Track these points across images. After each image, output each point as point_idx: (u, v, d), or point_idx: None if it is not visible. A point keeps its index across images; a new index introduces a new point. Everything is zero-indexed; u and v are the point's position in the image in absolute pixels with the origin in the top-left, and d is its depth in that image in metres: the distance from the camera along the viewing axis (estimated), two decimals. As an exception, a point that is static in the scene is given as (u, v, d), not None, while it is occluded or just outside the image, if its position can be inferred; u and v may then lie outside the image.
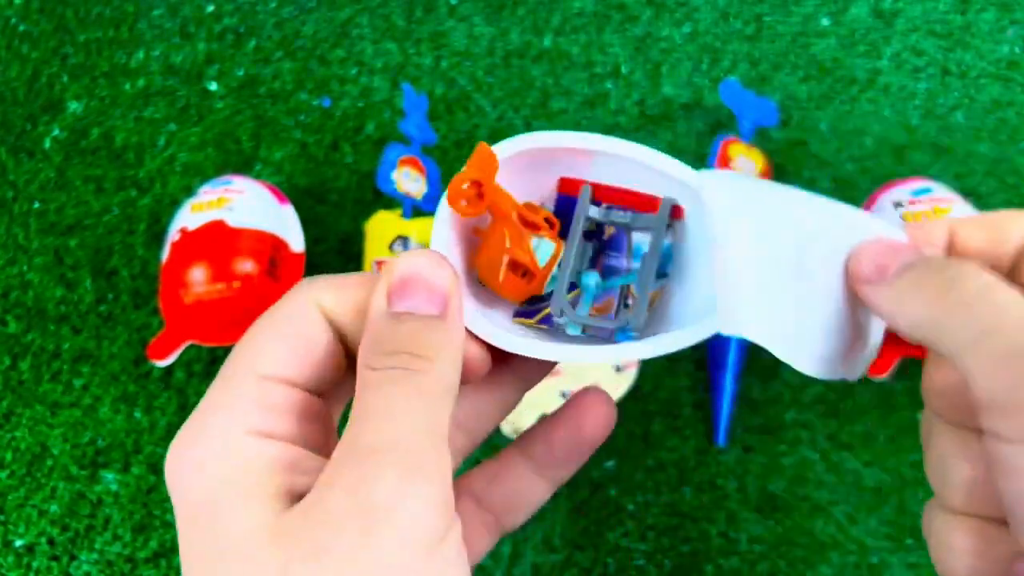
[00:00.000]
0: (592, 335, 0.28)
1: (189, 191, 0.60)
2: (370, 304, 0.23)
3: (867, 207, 0.51)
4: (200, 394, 0.53)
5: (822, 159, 0.58)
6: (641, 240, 0.29)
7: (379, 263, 0.53)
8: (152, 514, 0.50)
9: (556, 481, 0.28)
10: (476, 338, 0.25)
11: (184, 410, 0.53)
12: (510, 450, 0.28)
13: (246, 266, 0.50)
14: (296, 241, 0.53)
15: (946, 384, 0.23)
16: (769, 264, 0.25)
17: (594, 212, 0.28)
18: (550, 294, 0.28)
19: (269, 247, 0.51)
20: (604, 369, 0.45)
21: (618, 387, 0.49)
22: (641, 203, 0.28)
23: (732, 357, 0.49)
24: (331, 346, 0.23)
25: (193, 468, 0.21)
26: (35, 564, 0.50)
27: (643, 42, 0.64)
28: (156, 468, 0.52)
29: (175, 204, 0.59)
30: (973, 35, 0.62)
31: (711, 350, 0.51)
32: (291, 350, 0.22)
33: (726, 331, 0.25)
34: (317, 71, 0.64)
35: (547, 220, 0.29)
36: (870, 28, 0.63)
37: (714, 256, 0.25)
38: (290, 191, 0.59)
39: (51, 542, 0.50)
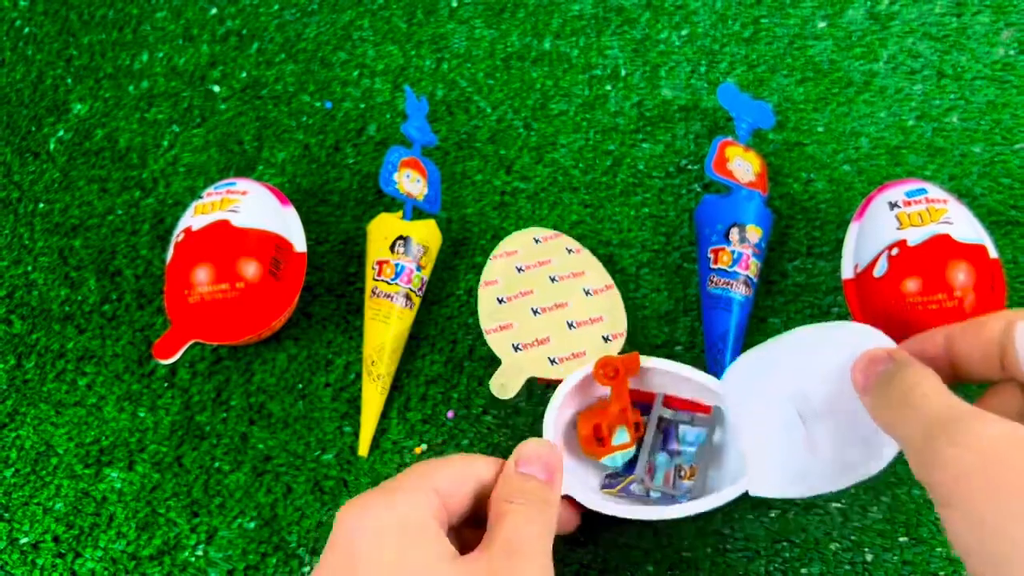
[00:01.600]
0: (661, 498, 0.45)
1: (192, 192, 0.60)
2: (506, 464, 0.39)
3: (863, 208, 0.52)
4: (203, 393, 0.54)
5: (818, 161, 0.59)
6: (686, 431, 0.46)
7: (380, 263, 0.53)
8: (156, 512, 0.51)
9: None
10: (570, 504, 0.43)
11: (188, 408, 0.54)
12: None
13: (249, 266, 0.51)
14: (299, 242, 0.54)
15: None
16: (776, 429, 0.39)
17: (666, 413, 0.46)
18: (625, 472, 0.46)
19: (272, 247, 0.52)
20: (592, 340, 0.49)
21: (609, 352, 0.50)
22: (694, 407, 0.47)
23: (727, 356, 0.50)
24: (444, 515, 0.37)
25: (376, 523, 0.33)
26: (40, 562, 0.50)
27: (641, 45, 0.64)
28: (160, 466, 0.52)
29: (178, 205, 0.60)
30: (968, 37, 0.62)
31: (708, 351, 0.51)
32: (453, 482, 0.37)
33: (755, 493, 0.40)
34: (319, 73, 0.65)
35: (636, 423, 0.45)
36: (866, 31, 0.63)
37: (738, 440, 0.42)
38: (292, 192, 0.60)
39: (56, 540, 0.51)
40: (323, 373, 0.54)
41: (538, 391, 0.52)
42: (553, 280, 0.51)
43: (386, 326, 0.52)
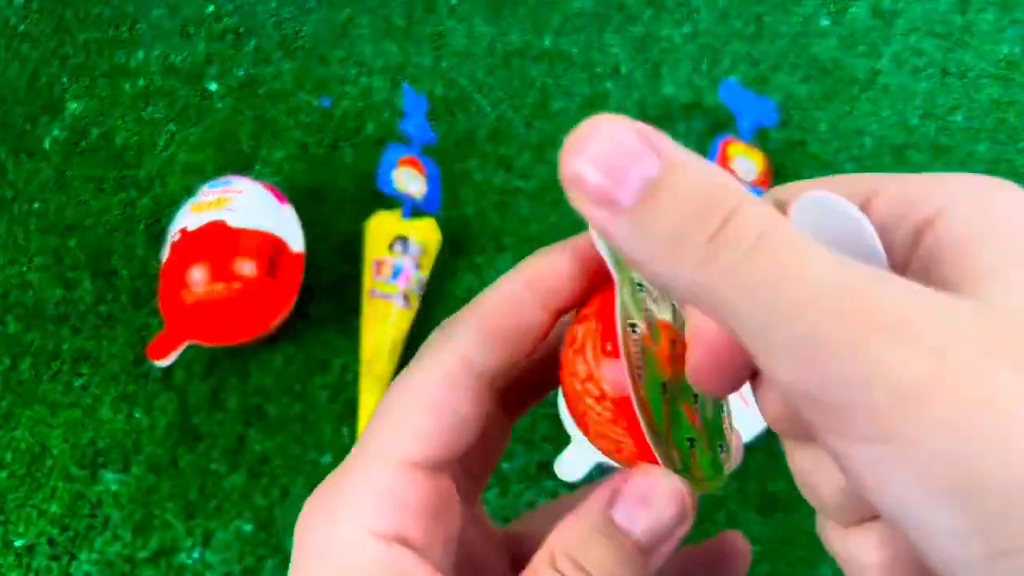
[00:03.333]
0: None
1: (189, 191, 0.60)
2: (594, 496, 0.19)
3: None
4: (200, 395, 0.53)
5: (821, 159, 0.58)
6: None
7: (379, 263, 0.53)
8: (152, 514, 0.50)
9: None
10: None
11: (184, 410, 0.53)
12: None
13: (246, 266, 0.50)
14: (296, 241, 0.53)
15: (775, 404, 0.18)
16: None
17: None
18: None
19: (269, 247, 0.51)
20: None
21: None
22: None
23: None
24: (481, 408, 0.20)
25: (317, 548, 0.19)
26: (35, 564, 0.50)
27: (643, 42, 0.64)
28: (156, 468, 0.52)
29: (175, 204, 0.59)
30: (973, 35, 0.62)
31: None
32: (438, 425, 0.19)
33: None
34: (317, 71, 0.64)
35: None
36: (870, 28, 0.63)
37: None
38: (290, 191, 0.59)
39: (51, 542, 0.50)
40: (321, 374, 0.54)
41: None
42: None
43: (384, 327, 0.52)
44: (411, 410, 0.19)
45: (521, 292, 0.20)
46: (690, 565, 0.23)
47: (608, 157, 0.15)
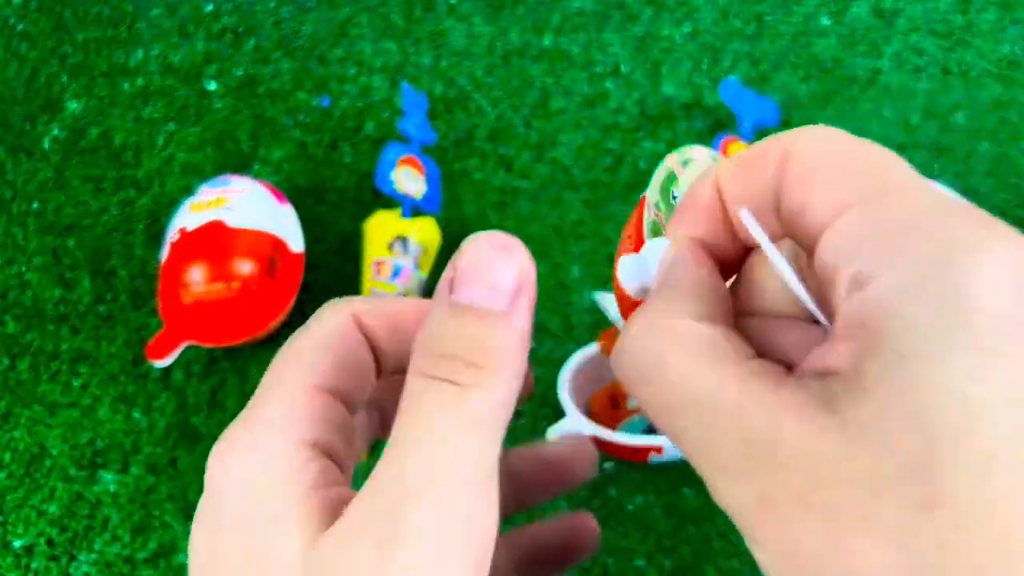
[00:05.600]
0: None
1: (188, 191, 0.60)
2: (436, 292, 0.20)
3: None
4: (199, 395, 0.53)
5: (822, 159, 0.58)
6: None
7: (378, 263, 0.53)
8: (151, 515, 0.50)
9: None
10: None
11: (183, 410, 0.53)
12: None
13: (245, 266, 0.50)
14: (295, 241, 0.53)
15: None
16: None
17: None
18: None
19: (268, 247, 0.51)
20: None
21: None
22: None
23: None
24: (366, 357, 0.22)
25: (240, 472, 0.20)
26: (34, 565, 0.50)
27: (643, 41, 0.63)
28: (155, 469, 0.52)
29: (174, 204, 0.59)
30: (974, 35, 0.62)
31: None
32: (334, 361, 0.21)
33: None
34: (316, 71, 0.64)
35: None
36: (871, 27, 0.63)
37: None
38: (289, 191, 0.59)
39: (50, 543, 0.50)
40: (320, 374, 0.54)
41: (538, 391, 0.51)
42: None
43: (384, 327, 0.52)
44: (306, 348, 0.21)
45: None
46: (544, 539, 0.25)
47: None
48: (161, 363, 0.50)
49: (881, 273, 0.15)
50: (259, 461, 0.19)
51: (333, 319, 0.22)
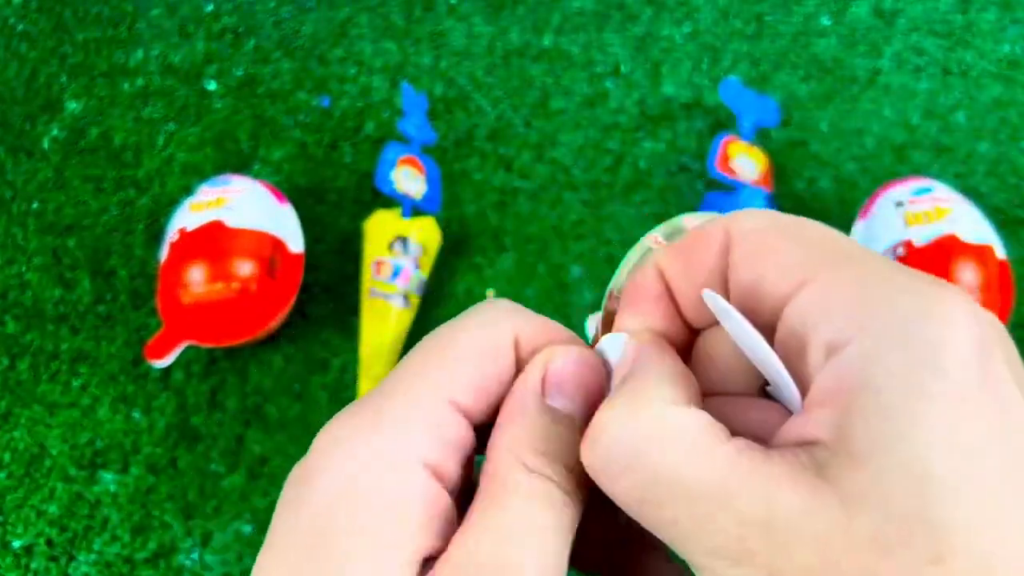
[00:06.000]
0: None
1: (188, 191, 0.59)
2: (521, 381, 0.19)
3: (867, 207, 0.51)
4: (199, 395, 0.53)
5: (823, 159, 0.58)
6: None
7: (378, 263, 0.53)
8: (151, 515, 0.50)
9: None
10: None
11: (183, 410, 0.53)
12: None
13: (245, 266, 0.50)
14: (295, 241, 0.53)
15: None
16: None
17: None
18: None
19: (268, 247, 0.51)
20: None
21: None
22: None
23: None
24: (508, 381, 0.20)
25: (345, 472, 0.17)
26: (34, 565, 0.50)
27: (643, 41, 0.63)
28: (155, 469, 0.51)
29: (174, 204, 0.59)
30: (974, 34, 0.62)
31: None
32: (481, 380, 0.19)
33: None
34: (316, 71, 0.64)
35: None
36: (871, 27, 0.62)
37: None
38: (289, 191, 0.59)
39: (49, 543, 0.50)
40: (320, 375, 0.53)
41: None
42: None
43: (384, 327, 0.52)
44: (465, 357, 0.19)
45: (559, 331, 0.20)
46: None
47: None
48: (161, 363, 0.50)
49: (855, 337, 0.15)
50: (375, 468, 0.18)
51: (497, 331, 0.20)
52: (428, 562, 0.17)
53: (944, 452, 0.14)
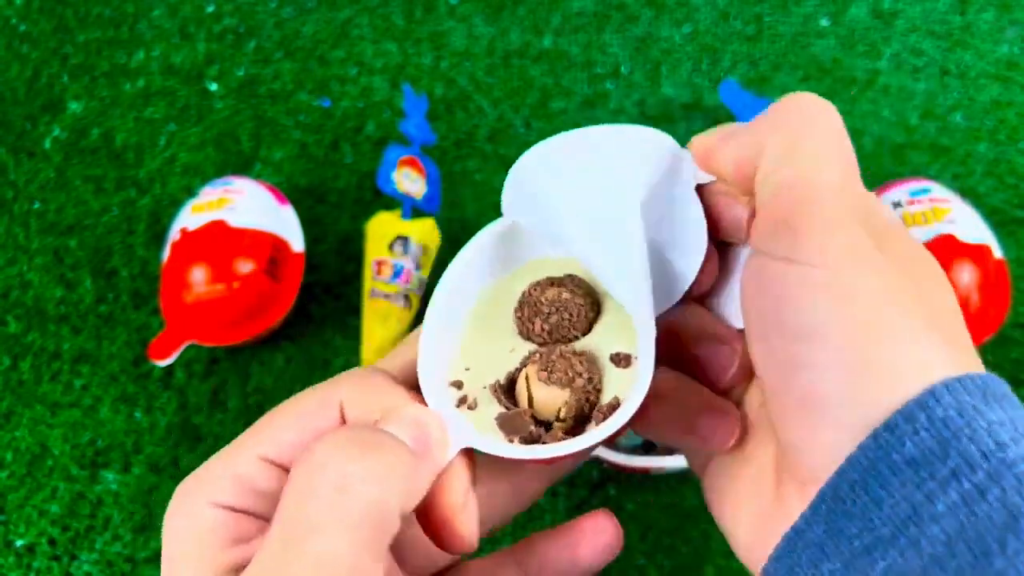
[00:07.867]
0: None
1: (189, 191, 0.60)
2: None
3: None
4: (200, 395, 0.53)
5: (821, 159, 0.58)
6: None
7: (379, 263, 0.53)
8: (153, 514, 0.50)
9: None
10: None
11: (184, 410, 0.53)
12: (505, 554, 0.26)
13: (246, 266, 0.50)
14: (296, 241, 0.53)
15: None
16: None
17: None
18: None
19: (269, 247, 0.51)
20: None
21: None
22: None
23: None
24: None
25: (172, 524, 0.22)
26: (35, 564, 0.50)
27: (643, 42, 0.64)
28: (156, 468, 0.52)
29: (175, 204, 0.59)
30: (972, 35, 0.62)
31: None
32: (301, 436, 0.23)
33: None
34: (317, 71, 0.64)
35: None
36: (869, 28, 0.63)
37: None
38: (290, 191, 0.59)
39: (51, 542, 0.50)
40: (321, 374, 0.54)
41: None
42: None
43: (385, 327, 0.52)
44: (285, 424, 0.24)
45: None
46: (546, 546, 0.26)
47: None
48: (162, 363, 0.50)
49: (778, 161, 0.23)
50: (184, 516, 0.22)
51: (325, 393, 0.24)
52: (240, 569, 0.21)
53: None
